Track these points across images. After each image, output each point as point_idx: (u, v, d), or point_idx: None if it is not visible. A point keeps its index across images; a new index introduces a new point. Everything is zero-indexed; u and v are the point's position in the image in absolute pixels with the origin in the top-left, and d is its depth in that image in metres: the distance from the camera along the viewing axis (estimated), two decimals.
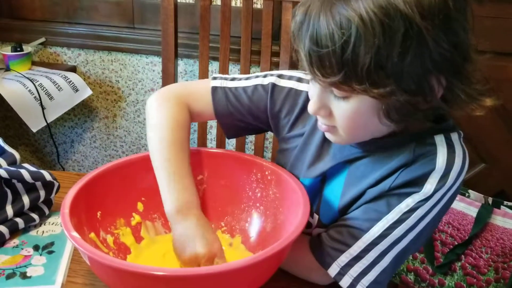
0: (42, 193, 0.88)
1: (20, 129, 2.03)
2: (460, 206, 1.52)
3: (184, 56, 1.78)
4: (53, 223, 0.90)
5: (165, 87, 0.88)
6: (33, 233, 0.87)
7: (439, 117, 0.72)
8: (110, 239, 0.78)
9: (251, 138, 1.80)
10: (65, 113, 1.78)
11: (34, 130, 1.66)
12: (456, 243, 1.55)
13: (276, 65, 1.59)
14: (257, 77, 0.86)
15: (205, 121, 1.61)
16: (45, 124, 1.68)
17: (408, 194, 0.69)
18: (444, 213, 0.72)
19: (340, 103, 0.65)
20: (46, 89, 1.66)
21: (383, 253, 0.70)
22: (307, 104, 0.70)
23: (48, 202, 0.91)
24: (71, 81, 1.75)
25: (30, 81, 1.63)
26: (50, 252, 0.82)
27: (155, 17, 1.79)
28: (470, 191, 1.58)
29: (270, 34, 1.50)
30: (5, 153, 0.92)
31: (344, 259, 0.71)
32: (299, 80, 0.84)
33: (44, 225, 0.89)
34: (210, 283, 0.61)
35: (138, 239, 0.82)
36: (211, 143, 1.87)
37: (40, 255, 0.81)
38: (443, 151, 0.68)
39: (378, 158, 0.73)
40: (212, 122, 1.81)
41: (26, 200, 0.86)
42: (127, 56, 1.85)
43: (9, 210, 0.84)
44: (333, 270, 0.72)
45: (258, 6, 1.64)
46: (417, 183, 0.68)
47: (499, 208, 1.51)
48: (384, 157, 0.72)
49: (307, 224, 0.69)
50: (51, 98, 1.68)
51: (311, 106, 0.68)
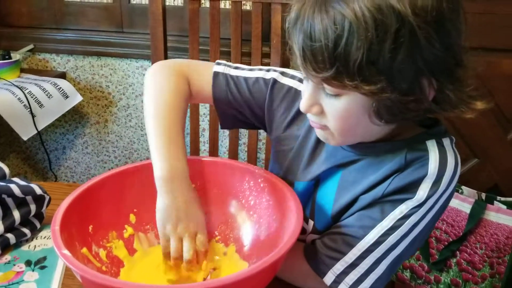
0: (33, 207, 0.87)
1: (11, 137, 2.02)
2: (454, 203, 1.53)
3: None
4: (45, 237, 0.89)
5: (168, 60, 0.87)
6: (25, 248, 0.86)
7: (431, 122, 0.72)
8: (103, 253, 0.77)
9: (245, 140, 1.79)
10: (56, 120, 1.77)
11: (25, 139, 1.65)
12: (451, 240, 1.55)
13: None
14: (261, 70, 0.86)
15: (198, 124, 1.60)
16: (36, 132, 1.67)
17: (402, 201, 0.69)
18: (438, 218, 0.72)
19: (332, 101, 0.65)
20: (36, 97, 1.65)
21: (378, 260, 0.70)
22: None
23: (39, 216, 0.90)
24: (61, 88, 1.74)
25: (19, 89, 1.62)
26: (43, 268, 0.81)
27: (144, 21, 1.78)
28: (463, 188, 1.58)
29: (260, 36, 1.50)
30: None
31: (340, 267, 0.71)
32: (301, 81, 0.83)
33: (36, 239, 0.88)
34: None
35: (131, 252, 0.81)
36: (204, 146, 1.86)
37: (33, 271, 0.80)
38: (435, 157, 0.68)
39: (371, 163, 0.73)
40: (205, 125, 1.80)
41: (17, 215, 0.85)
42: (117, 61, 1.84)
43: (0, 226, 0.83)
44: (329, 278, 0.72)
45: (247, 8, 1.63)
46: (410, 189, 0.68)
47: (493, 204, 1.51)
48: (377, 163, 0.72)
49: (302, 230, 0.68)
50: (41, 106, 1.67)
51: (303, 103, 0.68)
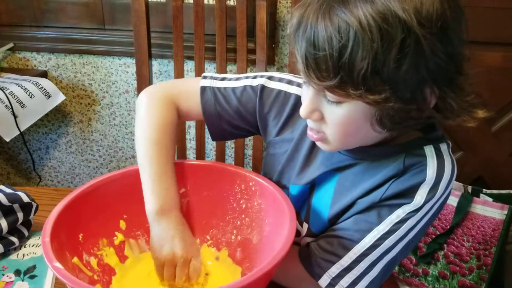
0: (20, 215, 0.85)
1: None
2: None
3: (158, 57, 1.74)
4: (34, 245, 0.87)
5: (155, 85, 0.88)
6: (14, 257, 0.84)
7: (428, 127, 0.72)
8: (94, 261, 0.76)
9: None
10: (39, 119, 1.73)
11: (7, 140, 1.61)
12: (438, 233, 1.57)
13: (253, 63, 1.58)
14: (247, 78, 0.85)
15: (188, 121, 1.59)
16: (18, 133, 1.64)
17: (399, 205, 0.69)
18: (433, 221, 0.72)
19: (333, 108, 0.64)
20: (18, 97, 1.61)
21: (373, 263, 0.70)
22: (296, 108, 0.69)
23: (27, 223, 0.89)
24: (43, 87, 1.70)
25: (0, 90, 1.58)
26: (32, 277, 0.80)
27: (126, 17, 1.75)
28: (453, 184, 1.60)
29: (245, 33, 1.49)
30: None
31: (335, 270, 0.71)
32: (289, 83, 0.82)
33: (24, 248, 0.87)
34: None
35: (123, 259, 0.80)
36: (190, 143, 1.85)
37: (22, 281, 0.79)
38: (433, 162, 0.68)
39: (368, 168, 0.73)
40: (191, 122, 1.78)
41: (4, 224, 0.83)
42: (99, 59, 1.81)
43: None
44: (324, 281, 0.72)
45: (231, 3, 1.61)
46: (408, 194, 0.68)
47: (479, 197, 1.53)
48: (374, 167, 0.72)
49: (296, 233, 0.68)
50: (23, 106, 1.63)
51: (303, 110, 0.67)
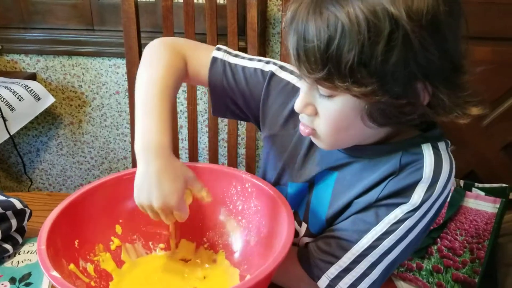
0: (14, 222, 0.84)
1: None
2: None
3: None
4: (28, 252, 0.86)
5: (170, 37, 0.85)
6: (8, 265, 0.83)
7: (427, 125, 0.72)
8: (91, 267, 0.75)
9: (223, 136, 1.78)
10: (28, 122, 1.71)
11: None
12: (432, 228, 1.58)
13: None
14: (260, 61, 0.84)
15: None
16: (8, 136, 1.62)
17: (397, 205, 0.68)
18: (433, 222, 0.72)
19: (325, 102, 0.65)
20: (7, 100, 1.60)
21: (373, 265, 0.69)
22: None
23: (21, 230, 0.88)
24: (32, 90, 1.68)
25: None
26: (28, 284, 0.79)
27: (115, 18, 1.74)
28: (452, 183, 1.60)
29: (236, 32, 1.48)
30: None
31: (334, 271, 0.71)
32: (300, 77, 0.81)
33: (19, 255, 0.86)
34: None
35: (119, 264, 0.80)
36: (183, 143, 1.84)
37: None
38: (430, 161, 0.68)
39: (366, 167, 0.73)
40: (183, 122, 1.77)
41: None
42: (89, 60, 1.79)
43: None
44: (323, 282, 0.72)
45: (221, 2, 1.60)
46: (405, 194, 0.68)
47: (471, 191, 1.54)
48: (372, 166, 0.72)
49: (294, 233, 0.67)
50: (12, 109, 1.61)
51: (297, 103, 0.68)
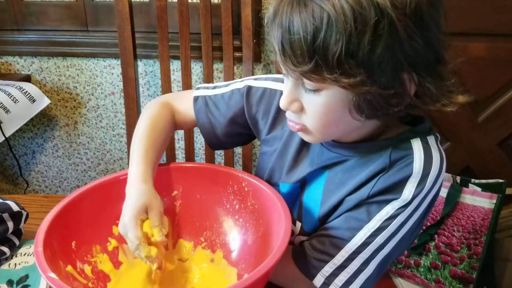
0: (11, 225, 0.84)
1: None
2: None
3: (143, 57, 1.73)
4: (25, 254, 0.86)
5: (160, 96, 0.93)
6: (5, 267, 0.83)
7: (416, 120, 0.72)
8: (88, 269, 0.75)
9: None
10: (24, 124, 1.71)
11: None
12: (429, 224, 1.58)
13: (239, 60, 1.57)
14: (235, 83, 0.87)
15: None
16: (4, 139, 1.61)
17: (388, 201, 0.68)
18: (426, 216, 0.72)
19: (311, 96, 0.64)
20: (1, 103, 1.59)
21: (367, 261, 0.70)
22: None
23: (18, 232, 0.87)
24: (27, 92, 1.68)
25: None
26: (25, 287, 0.78)
27: (109, 18, 1.73)
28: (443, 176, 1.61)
29: (231, 31, 1.48)
30: None
31: (329, 269, 0.71)
32: (275, 80, 0.83)
33: (16, 257, 0.85)
34: None
35: (117, 265, 0.80)
36: (179, 143, 1.84)
37: None
38: (420, 156, 0.68)
39: (356, 165, 0.73)
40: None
41: None
42: (83, 61, 1.79)
43: None
44: (318, 281, 0.72)
45: (216, 1, 1.60)
46: (396, 189, 0.68)
47: (467, 187, 1.54)
48: (362, 163, 0.72)
49: None
50: (7, 112, 1.61)
51: (282, 100, 0.68)
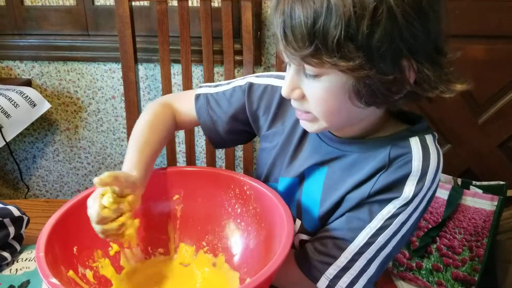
0: (12, 230, 0.84)
1: None
2: None
3: (144, 61, 1.73)
4: (27, 259, 0.86)
5: (161, 97, 0.94)
6: (7, 273, 0.83)
7: (414, 118, 0.73)
8: (90, 274, 0.75)
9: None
10: (24, 129, 1.70)
11: None
12: (430, 226, 1.58)
13: (240, 64, 1.57)
14: (237, 80, 0.88)
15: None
16: (4, 143, 1.61)
17: (389, 200, 0.69)
18: (424, 214, 0.73)
19: (312, 82, 0.65)
20: (2, 107, 1.59)
21: (370, 261, 0.70)
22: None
23: (19, 238, 0.87)
24: (28, 96, 1.68)
25: None
26: None
27: (110, 23, 1.73)
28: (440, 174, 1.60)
29: (231, 34, 1.48)
30: None
31: (332, 271, 0.71)
32: (277, 77, 0.84)
33: (17, 262, 0.85)
34: None
35: (118, 269, 0.79)
36: (179, 146, 1.84)
37: None
38: (418, 154, 0.69)
39: (355, 161, 0.73)
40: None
41: None
42: (84, 65, 1.79)
43: None
44: (322, 283, 0.72)
45: (216, 5, 1.60)
46: (396, 188, 0.68)
47: (469, 189, 1.54)
48: (361, 160, 0.72)
49: None
50: (8, 116, 1.61)
51: (284, 88, 0.69)
